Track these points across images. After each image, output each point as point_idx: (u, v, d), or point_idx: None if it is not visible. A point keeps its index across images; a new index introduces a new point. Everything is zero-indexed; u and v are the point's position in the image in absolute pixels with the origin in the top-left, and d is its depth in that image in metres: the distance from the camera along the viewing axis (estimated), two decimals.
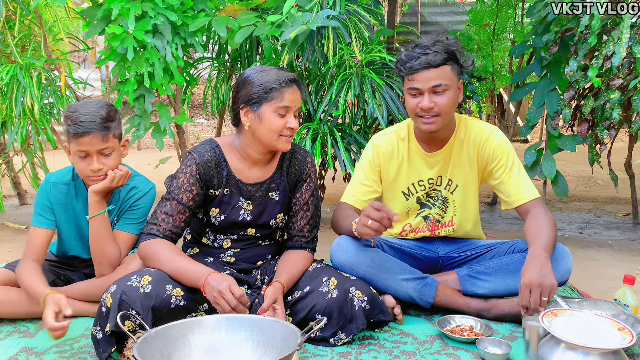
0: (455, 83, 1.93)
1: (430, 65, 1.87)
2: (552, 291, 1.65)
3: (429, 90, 1.89)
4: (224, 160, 1.92)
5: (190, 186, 1.87)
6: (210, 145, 1.92)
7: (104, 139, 1.87)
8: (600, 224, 3.72)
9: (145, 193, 2.03)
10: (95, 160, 1.89)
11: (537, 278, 1.65)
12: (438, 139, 2.03)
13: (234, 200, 1.93)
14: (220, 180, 1.91)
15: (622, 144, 4.51)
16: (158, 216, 1.86)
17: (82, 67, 8.42)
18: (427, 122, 1.93)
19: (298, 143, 2.97)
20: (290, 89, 1.83)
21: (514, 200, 1.98)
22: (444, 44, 1.91)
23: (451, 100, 1.91)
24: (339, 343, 1.78)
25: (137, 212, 2.02)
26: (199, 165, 1.88)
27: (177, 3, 2.72)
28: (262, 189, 1.95)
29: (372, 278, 1.93)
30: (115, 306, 1.61)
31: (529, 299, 1.64)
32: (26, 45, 3.50)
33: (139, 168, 2.14)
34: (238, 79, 1.91)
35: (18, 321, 1.98)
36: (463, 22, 5.33)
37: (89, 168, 1.89)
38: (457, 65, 1.93)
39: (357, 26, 2.80)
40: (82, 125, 1.84)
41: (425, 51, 1.88)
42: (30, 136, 3.36)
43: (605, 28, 2.79)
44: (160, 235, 1.83)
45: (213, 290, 1.64)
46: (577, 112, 3.09)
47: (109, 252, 1.94)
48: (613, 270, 2.73)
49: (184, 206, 1.86)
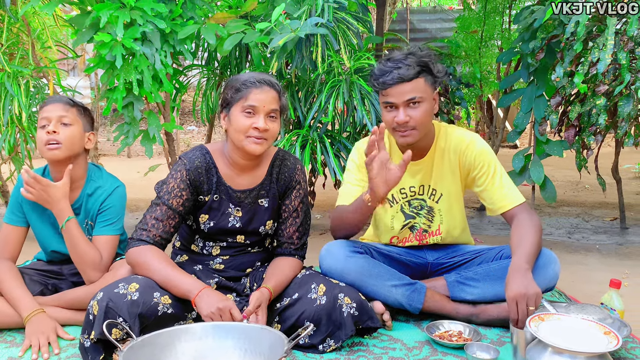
0: (430, 94, 1.92)
1: (403, 80, 1.86)
2: (537, 299, 1.66)
3: (403, 104, 1.89)
4: (214, 166, 1.92)
5: (180, 191, 1.87)
6: (200, 152, 1.92)
7: (64, 108, 1.99)
8: (588, 228, 3.75)
9: (110, 193, 2.03)
10: (52, 125, 1.96)
11: (521, 289, 1.66)
12: (418, 147, 2.02)
13: (224, 207, 1.93)
14: (210, 186, 1.91)
15: (609, 149, 4.56)
16: (148, 222, 1.85)
17: (71, 74, 8.39)
18: (404, 135, 1.93)
19: (287, 150, 2.98)
20: (257, 89, 1.81)
21: (498, 207, 1.99)
22: (417, 56, 1.89)
23: (426, 112, 1.91)
24: (327, 350, 1.78)
25: (108, 212, 2.02)
26: (190, 171, 1.88)
27: (166, 11, 2.72)
28: (252, 196, 1.95)
29: (361, 284, 1.93)
30: (101, 314, 1.60)
31: (517, 312, 1.66)
32: (14, 53, 3.48)
33: (129, 175, 2.15)
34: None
35: (4, 331, 1.96)
36: (452, 29, 5.38)
37: (44, 132, 1.95)
38: (431, 76, 1.92)
39: (346, 33, 2.81)
40: (51, 99, 2.03)
41: (398, 65, 1.87)
42: (18, 144, 3.34)
43: (591, 35, 2.82)
44: (151, 241, 1.82)
45: (211, 306, 1.64)
46: (564, 117, 3.12)
47: (87, 259, 1.94)
48: (600, 275, 2.75)
49: (173, 211, 1.86)
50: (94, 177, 2.07)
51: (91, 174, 2.07)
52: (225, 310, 1.63)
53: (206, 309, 1.64)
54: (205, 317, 1.64)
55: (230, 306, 1.65)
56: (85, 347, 1.65)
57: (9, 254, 2.02)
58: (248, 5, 2.85)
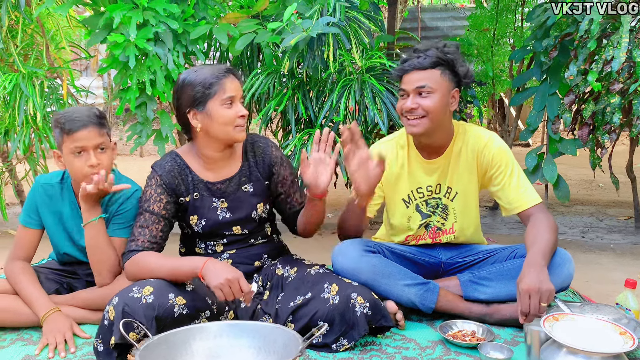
0: (445, 88, 1.92)
1: (418, 67, 1.90)
2: (550, 296, 1.65)
3: (413, 92, 1.91)
4: (187, 166, 1.95)
5: (158, 196, 1.89)
6: (170, 156, 1.97)
7: (100, 133, 1.88)
8: (602, 227, 3.72)
9: (129, 196, 2.02)
10: (92, 155, 1.87)
11: (535, 284, 1.66)
12: (435, 146, 2.03)
13: (207, 203, 1.95)
14: (187, 186, 1.93)
15: (624, 147, 4.50)
16: (134, 232, 1.87)
17: (84, 75, 8.46)
18: (412, 124, 1.94)
19: (300, 149, 2.98)
20: (228, 79, 1.86)
21: (515, 207, 1.98)
22: (441, 50, 1.92)
23: (437, 104, 1.90)
24: (341, 349, 1.78)
25: (125, 215, 2.00)
26: (162, 176, 1.91)
27: (179, 11, 2.73)
28: (233, 184, 1.97)
29: (373, 284, 1.93)
30: (118, 318, 1.61)
31: (529, 305, 1.65)
32: (29, 54, 3.51)
33: (141, 175, 2.15)
34: (175, 86, 1.92)
35: (21, 329, 1.98)
36: (463, 27, 5.34)
37: (87, 164, 1.86)
38: (451, 72, 1.93)
39: (357, 32, 2.81)
40: (78, 121, 1.84)
41: (419, 55, 1.92)
42: (32, 144, 3.37)
43: (605, 32, 2.79)
44: (140, 248, 1.84)
45: (219, 276, 1.64)
46: (577, 116, 3.10)
47: (107, 261, 1.94)
48: (615, 274, 2.73)
49: (157, 216, 1.88)
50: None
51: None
52: (234, 281, 1.64)
53: (215, 280, 1.64)
54: (214, 289, 1.64)
55: (238, 277, 1.65)
56: (99, 352, 1.67)
57: (24, 255, 2.03)
58: (259, 5, 2.86)
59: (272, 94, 3.16)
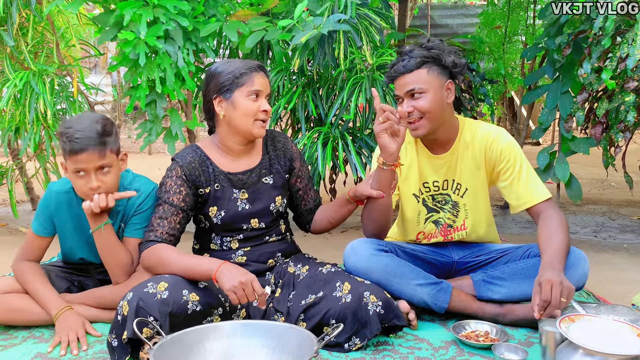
0: (436, 85, 1.91)
1: (404, 71, 1.90)
2: (570, 293, 1.64)
3: (406, 95, 1.92)
4: (207, 158, 1.96)
5: (178, 187, 1.90)
6: (190, 149, 1.98)
7: (100, 155, 1.81)
8: (615, 227, 3.68)
9: (147, 195, 2.00)
10: (93, 179, 1.82)
11: (558, 277, 1.65)
12: (439, 141, 2.02)
13: (228, 194, 1.95)
14: (207, 177, 1.94)
15: (637, 146, 4.47)
16: (153, 222, 1.89)
17: (94, 72, 8.48)
18: (413, 128, 1.94)
19: (311, 147, 2.97)
20: (258, 74, 1.91)
21: (523, 202, 1.96)
22: (423, 48, 1.92)
23: (432, 102, 1.90)
24: (353, 348, 1.77)
25: (143, 215, 1.98)
26: (183, 167, 1.92)
27: (189, 9, 2.73)
28: (254, 175, 1.99)
29: (385, 283, 1.92)
30: (132, 313, 1.61)
31: (550, 294, 1.63)
32: (39, 52, 3.52)
33: (150, 172, 2.15)
34: (206, 74, 1.96)
35: (32, 327, 1.98)
36: (473, 24, 5.30)
37: (87, 186, 1.84)
38: (439, 67, 1.92)
39: (368, 30, 2.79)
40: (78, 142, 1.77)
41: (403, 58, 1.93)
42: (43, 142, 3.38)
43: (619, 30, 2.76)
44: (159, 239, 1.85)
45: (232, 280, 1.65)
46: (590, 114, 3.06)
47: (120, 262, 1.94)
48: (629, 274, 2.70)
49: (176, 208, 1.89)
50: (125, 183, 2.01)
51: (122, 181, 2.00)
52: (247, 283, 1.65)
53: (228, 284, 1.65)
54: (227, 292, 1.65)
55: (251, 279, 1.66)
56: (113, 347, 1.66)
57: (33, 257, 2.01)
58: (270, 3, 2.85)
59: (282, 92, 3.16)
